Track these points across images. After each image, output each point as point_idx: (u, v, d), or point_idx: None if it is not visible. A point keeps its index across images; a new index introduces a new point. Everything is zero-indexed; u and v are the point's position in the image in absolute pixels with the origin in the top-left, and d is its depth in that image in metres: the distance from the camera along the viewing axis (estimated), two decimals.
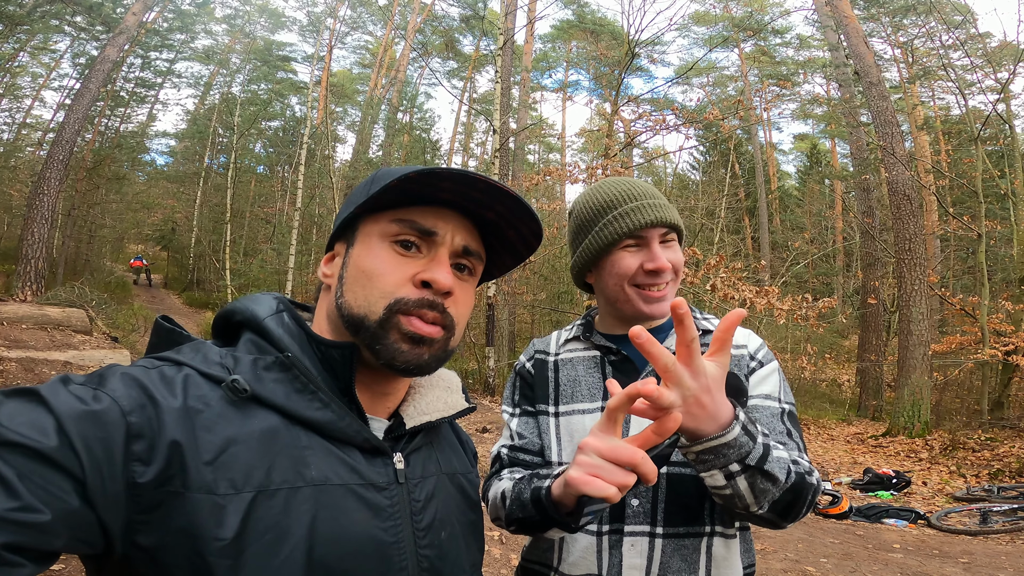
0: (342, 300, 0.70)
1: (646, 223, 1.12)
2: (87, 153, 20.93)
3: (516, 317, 18.42)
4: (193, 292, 23.45)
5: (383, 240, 0.71)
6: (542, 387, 1.21)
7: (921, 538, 5.23)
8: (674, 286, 1.14)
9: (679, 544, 1.04)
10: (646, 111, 11.92)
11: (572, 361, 1.20)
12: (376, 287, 0.68)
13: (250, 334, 0.68)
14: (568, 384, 1.18)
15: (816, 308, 10.60)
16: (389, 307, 0.68)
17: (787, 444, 1.05)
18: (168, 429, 0.56)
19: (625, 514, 1.06)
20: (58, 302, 10.29)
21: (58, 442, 0.50)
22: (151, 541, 0.54)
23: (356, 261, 0.71)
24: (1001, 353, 10.31)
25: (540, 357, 1.24)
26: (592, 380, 1.16)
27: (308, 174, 19.76)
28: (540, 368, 1.23)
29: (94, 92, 14.03)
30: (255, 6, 26.65)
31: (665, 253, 1.12)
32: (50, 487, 0.49)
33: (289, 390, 0.64)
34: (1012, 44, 13.58)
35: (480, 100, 29.02)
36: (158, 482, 0.54)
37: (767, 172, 29.21)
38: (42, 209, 12.79)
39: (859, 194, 18.57)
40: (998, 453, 8.35)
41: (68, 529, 0.50)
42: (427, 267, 0.70)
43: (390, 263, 0.70)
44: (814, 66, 24.68)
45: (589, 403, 1.14)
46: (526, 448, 1.18)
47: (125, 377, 0.58)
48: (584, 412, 1.14)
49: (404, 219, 0.71)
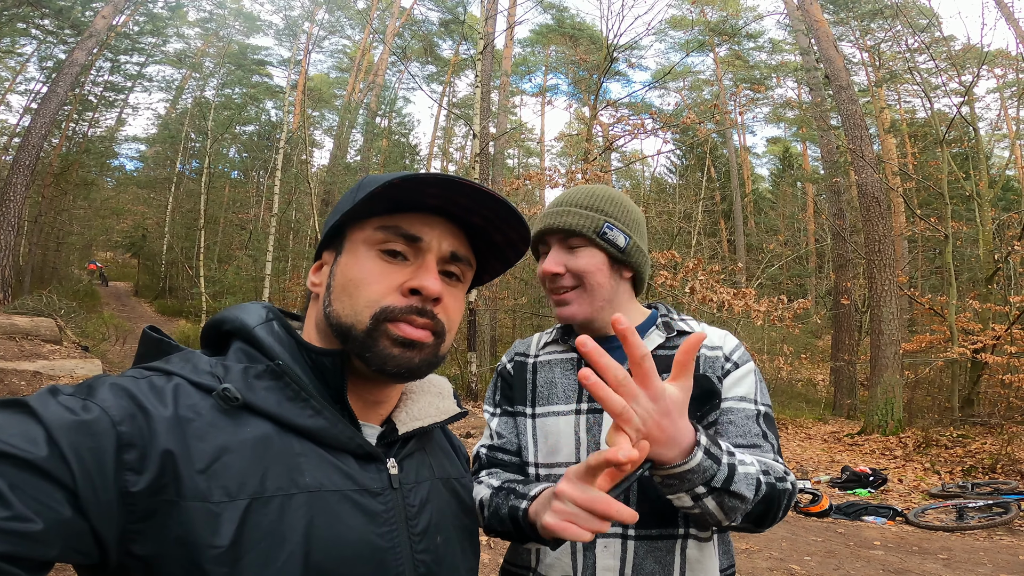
0: (330, 309, 0.70)
1: (540, 230, 1.16)
2: (54, 158, 20.41)
3: (497, 322, 18.40)
4: (165, 300, 22.99)
5: (369, 248, 0.71)
6: (520, 388, 1.22)
7: (900, 535, 5.34)
8: (584, 291, 1.13)
9: (652, 546, 1.05)
10: (624, 115, 12.04)
11: (550, 363, 1.21)
12: (362, 296, 0.68)
13: (240, 343, 0.68)
14: (545, 386, 1.19)
15: (792, 309, 10.80)
16: (375, 316, 0.68)
17: (762, 447, 1.06)
18: (159, 438, 0.55)
19: None
20: (26, 311, 9.98)
21: (48, 452, 0.50)
22: (146, 550, 0.54)
23: (343, 270, 0.71)
24: (970, 351, 10.60)
25: (520, 359, 1.26)
26: (568, 382, 1.17)
27: (285, 179, 19.52)
28: (519, 369, 1.24)
29: (62, 96, 13.68)
30: (230, 10, 26.26)
31: (564, 257, 1.13)
32: (41, 497, 0.49)
33: (281, 398, 0.64)
34: (975, 47, 14.03)
35: (460, 104, 29.01)
36: (151, 491, 0.54)
37: (742, 175, 29.70)
38: (8, 216, 12.43)
39: (830, 196, 18.98)
40: (970, 450, 8.57)
41: (61, 539, 0.50)
42: (414, 274, 0.70)
43: (376, 272, 0.69)
44: (786, 70, 25.23)
45: (564, 405, 1.15)
46: (504, 448, 1.21)
47: (114, 387, 0.57)
48: (559, 414, 1.15)
49: (389, 226, 0.70)
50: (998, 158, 22.14)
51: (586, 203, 1.16)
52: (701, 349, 1.14)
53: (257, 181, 27.70)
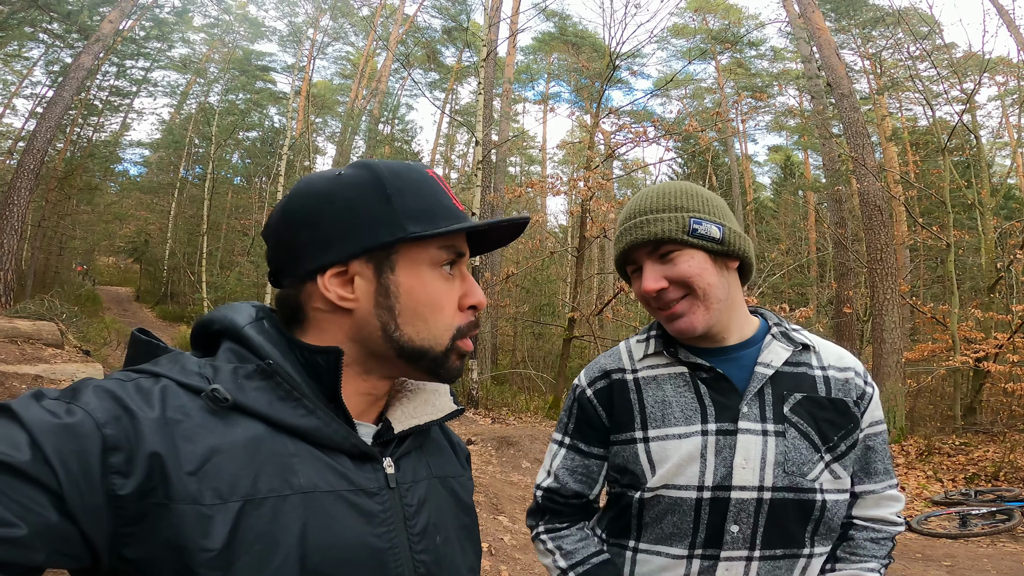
0: (399, 334, 0.69)
1: (626, 247, 1.08)
2: (58, 163, 20.47)
3: (498, 330, 18.38)
4: (167, 305, 22.96)
5: (434, 268, 0.71)
6: (625, 411, 1.11)
7: (903, 542, 5.30)
8: (696, 298, 1.05)
9: (774, 565, 1.03)
10: (626, 123, 12.07)
11: (657, 380, 1.11)
12: (442, 320, 0.71)
13: (230, 343, 0.67)
14: (656, 406, 1.09)
15: (794, 318, 10.79)
16: (453, 337, 0.72)
17: (891, 473, 1.14)
18: (146, 440, 0.55)
19: (723, 541, 1.03)
20: (28, 315, 9.99)
21: (31, 456, 0.50)
22: (138, 554, 0.54)
23: (411, 292, 0.69)
24: (972, 360, 10.56)
25: (617, 378, 1.13)
26: (684, 400, 1.07)
27: (287, 186, 19.57)
28: (620, 389, 1.12)
29: (67, 100, 13.75)
30: (235, 16, 26.42)
31: (662, 268, 1.05)
32: (24, 501, 0.49)
33: (272, 398, 0.63)
34: (977, 55, 14.01)
35: (462, 111, 29.09)
36: (139, 494, 0.54)
37: (743, 184, 29.70)
38: (11, 220, 12.45)
39: (831, 205, 18.95)
40: (973, 457, 8.53)
41: (47, 543, 0.49)
42: (467, 290, 0.74)
43: (446, 293, 0.72)
44: (788, 78, 25.30)
45: (685, 426, 1.05)
46: (560, 492, 1.17)
47: (99, 390, 0.57)
48: (680, 437, 1.05)
49: (449, 245, 0.72)
50: (1000, 166, 22.16)
51: (663, 205, 1.07)
52: (828, 370, 1.10)
53: (260, 187, 27.70)
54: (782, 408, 1.05)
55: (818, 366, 1.10)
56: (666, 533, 1.06)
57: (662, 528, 1.07)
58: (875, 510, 1.12)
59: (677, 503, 1.04)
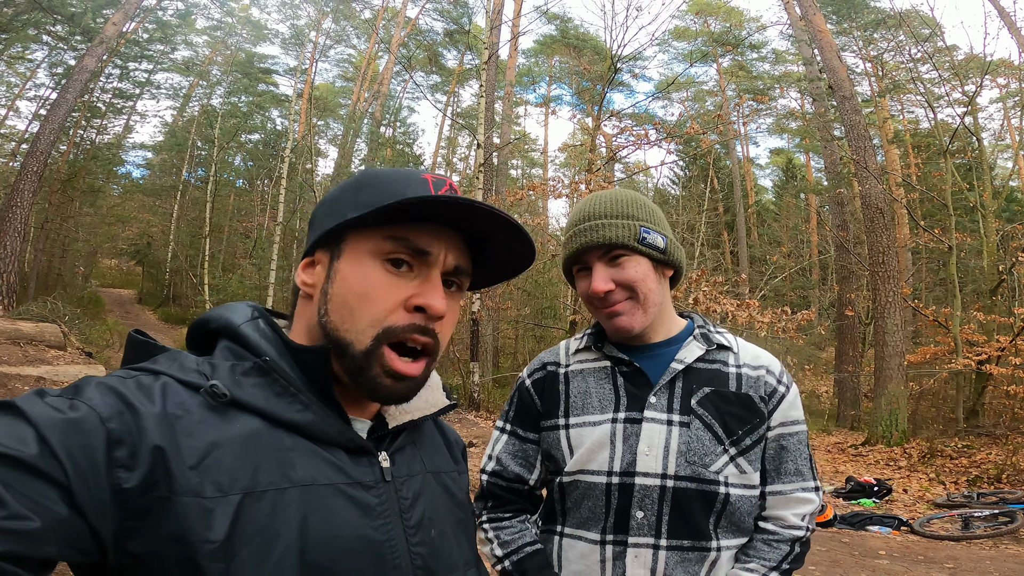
0: (327, 320, 0.68)
1: (579, 248, 1.13)
2: (62, 165, 20.52)
3: (500, 332, 18.37)
4: (169, 308, 22.99)
5: (374, 258, 0.68)
6: (552, 400, 1.20)
7: (905, 544, 5.29)
8: (637, 301, 1.11)
9: (683, 557, 1.05)
10: (628, 125, 12.09)
11: (583, 372, 1.19)
12: (366, 313, 0.67)
13: (226, 341, 0.68)
14: (579, 396, 1.17)
15: (795, 320, 10.76)
16: (377, 337, 0.67)
17: (804, 475, 1.15)
18: (149, 434, 0.55)
19: (629, 526, 1.07)
20: (31, 317, 10.02)
21: (39, 451, 0.50)
22: (142, 548, 0.54)
23: (344, 279, 0.69)
24: (974, 362, 10.55)
25: (551, 370, 1.23)
26: (602, 391, 1.15)
27: (289, 188, 19.61)
28: (551, 381, 1.21)
29: (70, 102, 13.79)
30: (237, 18, 26.51)
31: (611, 271, 1.11)
32: (35, 495, 0.49)
33: (269, 394, 0.64)
34: (978, 57, 14.03)
35: (463, 114, 29.15)
36: (144, 487, 0.54)
37: (745, 186, 29.71)
38: (15, 222, 12.48)
39: (833, 208, 18.97)
40: (975, 460, 8.51)
41: (59, 537, 0.50)
42: (421, 291, 0.68)
43: (382, 285, 0.67)
44: (789, 80, 25.32)
45: (600, 415, 1.13)
46: (502, 475, 1.23)
47: (101, 386, 0.57)
48: (595, 424, 1.13)
49: (399, 237, 0.68)
50: (1002, 169, 22.12)
51: (616, 212, 1.13)
52: (742, 368, 1.15)
53: (262, 190, 27.77)
54: (690, 401, 1.11)
55: (733, 364, 1.16)
56: (583, 518, 1.13)
57: (581, 513, 1.13)
58: (778, 510, 1.14)
59: (591, 487, 1.11)
